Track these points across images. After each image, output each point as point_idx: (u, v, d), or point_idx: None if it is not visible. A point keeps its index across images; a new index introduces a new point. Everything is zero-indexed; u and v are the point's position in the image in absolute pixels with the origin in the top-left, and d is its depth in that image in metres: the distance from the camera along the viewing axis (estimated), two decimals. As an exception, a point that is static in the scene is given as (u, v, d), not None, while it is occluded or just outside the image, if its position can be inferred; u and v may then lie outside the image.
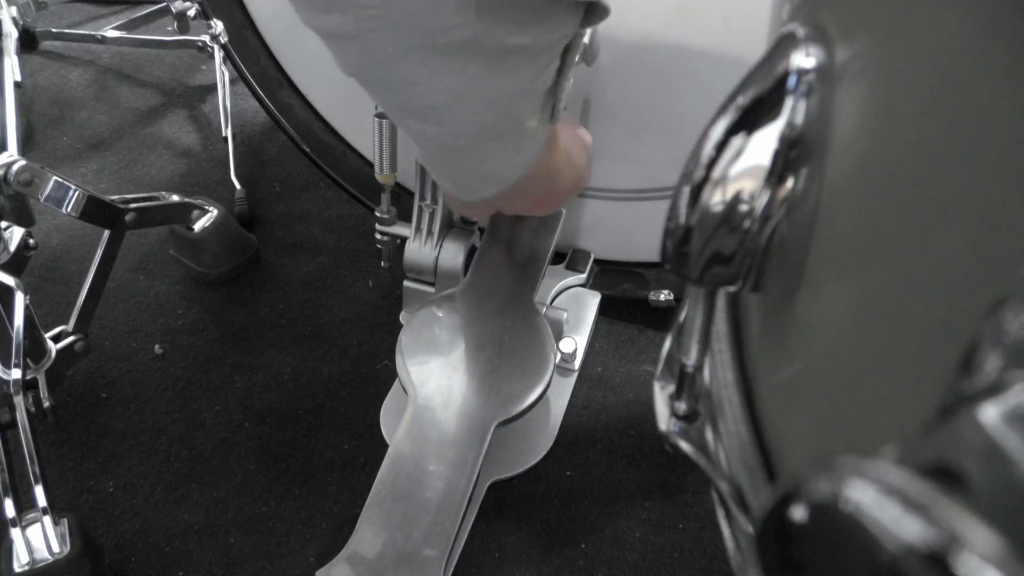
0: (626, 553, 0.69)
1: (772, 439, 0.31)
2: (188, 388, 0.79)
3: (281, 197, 0.99)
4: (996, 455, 0.15)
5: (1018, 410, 0.15)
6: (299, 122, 0.86)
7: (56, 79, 1.17)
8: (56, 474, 0.72)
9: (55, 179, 0.68)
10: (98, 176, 1.02)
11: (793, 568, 0.19)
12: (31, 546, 0.61)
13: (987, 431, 0.15)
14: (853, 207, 0.25)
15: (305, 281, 0.89)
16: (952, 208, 0.21)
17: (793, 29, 0.27)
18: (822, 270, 0.27)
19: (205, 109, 1.12)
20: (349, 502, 0.71)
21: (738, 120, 0.27)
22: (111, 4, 1.30)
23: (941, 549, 0.15)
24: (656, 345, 0.84)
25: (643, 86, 0.74)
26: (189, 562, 0.67)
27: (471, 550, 0.68)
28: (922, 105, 0.22)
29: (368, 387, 0.79)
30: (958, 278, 0.21)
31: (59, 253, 0.91)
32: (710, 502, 0.71)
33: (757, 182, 0.27)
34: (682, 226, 0.28)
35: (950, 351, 0.18)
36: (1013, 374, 0.16)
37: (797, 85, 0.26)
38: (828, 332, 0.27)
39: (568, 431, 0.75)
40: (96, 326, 0.78)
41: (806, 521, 0.18)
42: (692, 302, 0.33)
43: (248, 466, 0.73)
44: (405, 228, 0.74)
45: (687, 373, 0.35)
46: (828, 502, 0.17)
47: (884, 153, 0.24)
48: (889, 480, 0.16)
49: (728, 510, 0.34)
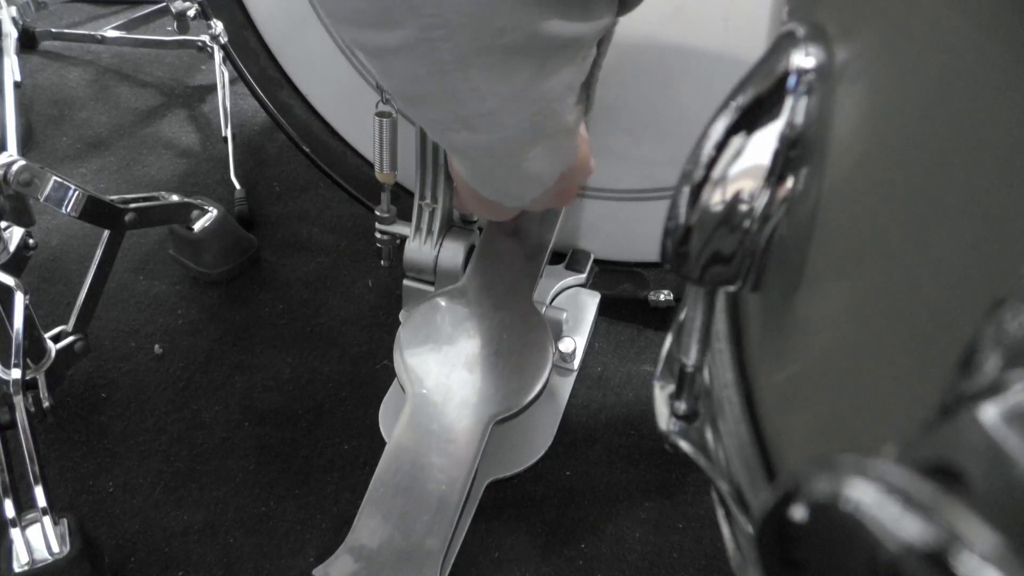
0: (626, 553, 0.69)
1: (772, 439, 0.31)
2: (188, 388, 0.79)
3: (281, 197, 0.99)
4: (996, 454, 0.15)
5: (1018, 409, 0.15)
6: (299, 122, 0.86)
7: (56, 79, 1.17)
8: (56, 474, 0.72)
9: (55, 179, 0.68)
10: (98, 176, 1.02)
11: (793, 568, 0.19)
12: (31, 546, 0.61)
13: (987, 430, 0.15)
14: (853, 207, 0.25)
15: (305, 281, 0.89)
16: (952, 208, 0.21)
17: (793, 29, 0.27)
18: (822, 270, 0.27)
19: (205, 109, 1.12)
20: (349, 502, 0.71)
21: (738, 120, 0.27)
22: (111, 4, 1.30)
23: (941, 548, 0.15)
24: (656, 345, 0.84)
25: (643, 86, 0.74)
26: (189, 562, 0.67)
27: (471, 550, 0.68)
28: (922, 105, 0.22)
29: (367, 387, 0.79)
30: (958, 278, 0.21)
31: (59, 253, 0.91)
32: (710, 502, 0.71)
33: (757, 182, 0.27)
34: (682, 226, 0.28)
35: (950, 351, 0.18)
36: (1013, 373, 0.16)
37: (797, 85, 0.26)
38: (828, 332, 0.27)
39: (568, 431, 0.75)
40: (96, 326, 0.78)
41: (806, 521, 0.18)
42: (692, 302, 0.33)
43: (248, 466, 0.73)
44: (405, 227, 0.74)
45: (687, 373, 0.35)
46: (828, 501, 0.17)
47: (884, 153, 0.24)
48: (889, 479, 0.16)
49: (728, 510, 0.34)
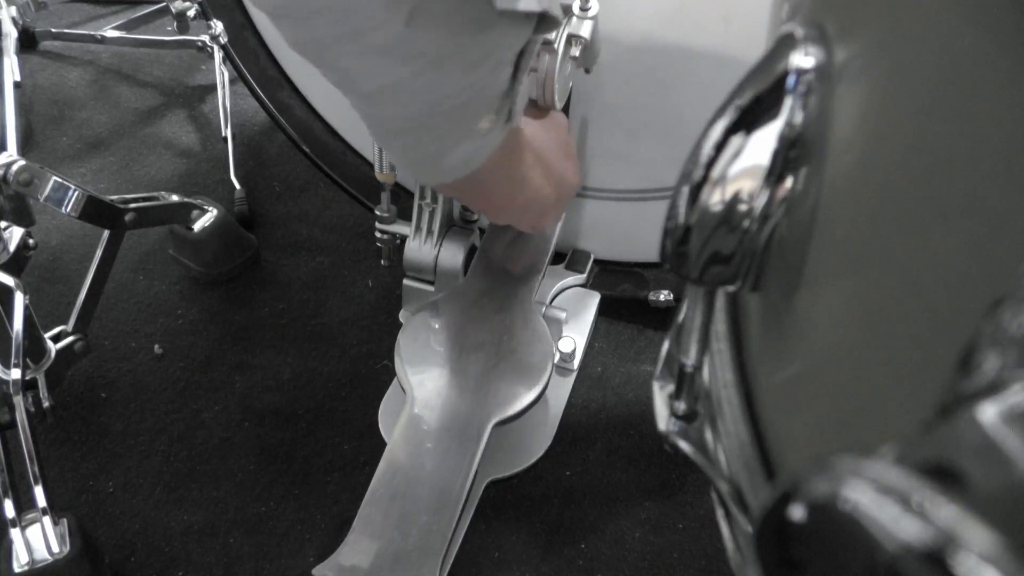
0: (626, 553, 0.69)
1: (771, 439, 0.31)
2: (188, 388, 0.79)
3: (281, 197, 0.99)
4: (995, 454, 0.15)
5: (1016, 409, 0.15)
6: (298, 122, 0.86)
7: (56, 79, 1.17)
8: (56, 474, 0.72)
9: (55, 179, 0.68)
10: (98, 176, 1.02)
11: (792, 567, 0.19)
12: (31, 546, 0.61)
13: (986, 430, 0.15)
14: (852, 207, 0.25)
15: (305, 281, 0.89)
16: (951, 208, 0.21)
17: (792, 29, 0.27)
18: (821, 270, 0.27)
19: (205, 109, 1.12)
20: (349, 502, 0.71)
21: (737, 120, 0.27)
22: (111, 4, 1.30)
23: (939, 548, 0.15)
24: (656, 345, 0.84)
25: (643, 86, 0.74)
26: (189, 562, 0.67)
27: (471, 550, 0.68)
28: (921, 105, 0.22)
29: (367, 387, 0.79)
30: (957, 278, 0.21)
31: (59, 253, 0.91)
32: (710, 502, 0.71)
33: (756, 182, 0.27)
34: (681, 226, 0.28)
35: (949, 351, 0.18)
36: (1012, 373, 0.16)
37: (796, 85, 0.26)
38: (827, 332, 0.27)
39: (568, 431, 0.75)
40: (96, 326, 0.78)
41: (805, 520, 0.18)
42: (691, 302, 0.33)
43: (248, 466, 0.73)
44: (405, 227, 0.74)
45: (686, 373, 0.35)
46: (827, 502, 0.17)
47: (883, 153, 0.24)
48: (887, 479, 0.16)
49: (727, 510, 0.34)
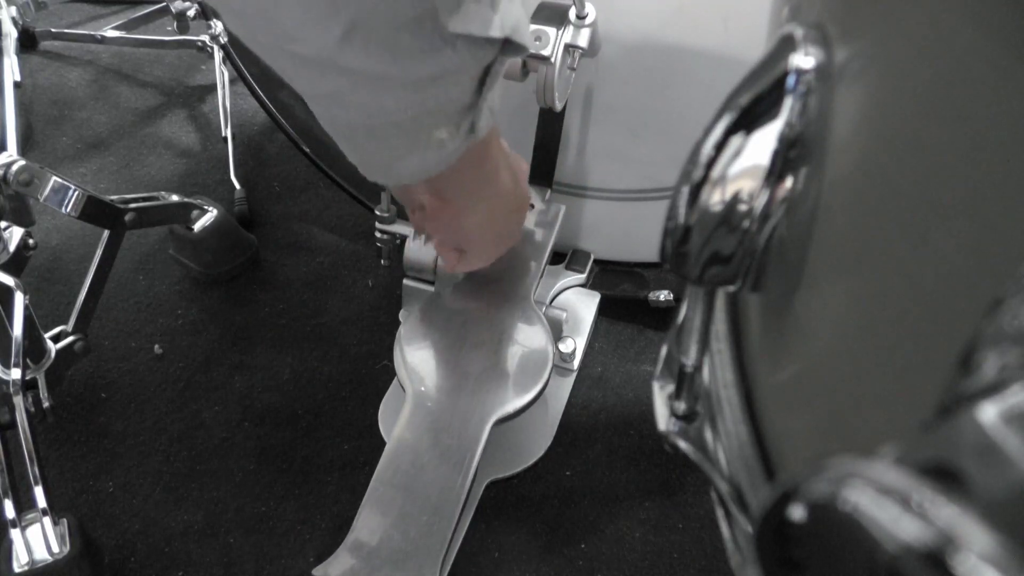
0: (626, 553, 0.69)
1: (771, 439, 0.31)
2: (188, 388, 0.79)
3: (281, 197, 0.99)
4: (994, 455, 0.15)
5: (1016, 409, 0.15)
6: (299, 122, 0.86)
7: (56, 79, 1.17)
8: (56, 474, 0.72)
9: (55, 179, 0.68)
10: (98, 176, 1.02)
11: (792, 568, 0.19)
12: (31, 546, 0.61)
13: (986, 431, 0.15)
14: (852, 207, 0.25)
15: (305, 281, 0.89)
16: (951, 208, 0.21)
17: (792, 29, 0.27)
18: (821, 270, 0.27)
19: (205, 109, 1.12)
20: (349, 502, 0.71)
21: (737, 120, 0.27)
22: (111, 4, 1.30)
23: (939, 549, 0.15)
24: (656, 345, 0.84)
25: (643, 86, 0.74)
26: (189, 562, 0.67)
27: (471, 550, 0.68)
28: (921, 105, 0.22)
29: (367, 387, 0.79)
30: (957, 278, 0.21)
31: (59, 253, 0.91)
32: (710, 502, 0.71)
33: (756, 182, 0.27)
34: (681, 226, 0.28)
35: (949, 351, 0.18)
36: (1012, 373, 0.16)
37: (796, 85, 0.26)
38: (827, 332, 0.27)
39: (568, 431, 0.75)
40: (96, 326, 0.78)
41: (805, 521, 0.18)
42: (691, 302, 0.33)
43: (248, 466, 0.73)
44: (405, 227, 0.74)
45: (686, 373, 0.35)
46: (826, 502, 0.17)
47: (883, 153, 0.24)
48: (887, 480, 0.16)
49: (727, 510, 0.34)
